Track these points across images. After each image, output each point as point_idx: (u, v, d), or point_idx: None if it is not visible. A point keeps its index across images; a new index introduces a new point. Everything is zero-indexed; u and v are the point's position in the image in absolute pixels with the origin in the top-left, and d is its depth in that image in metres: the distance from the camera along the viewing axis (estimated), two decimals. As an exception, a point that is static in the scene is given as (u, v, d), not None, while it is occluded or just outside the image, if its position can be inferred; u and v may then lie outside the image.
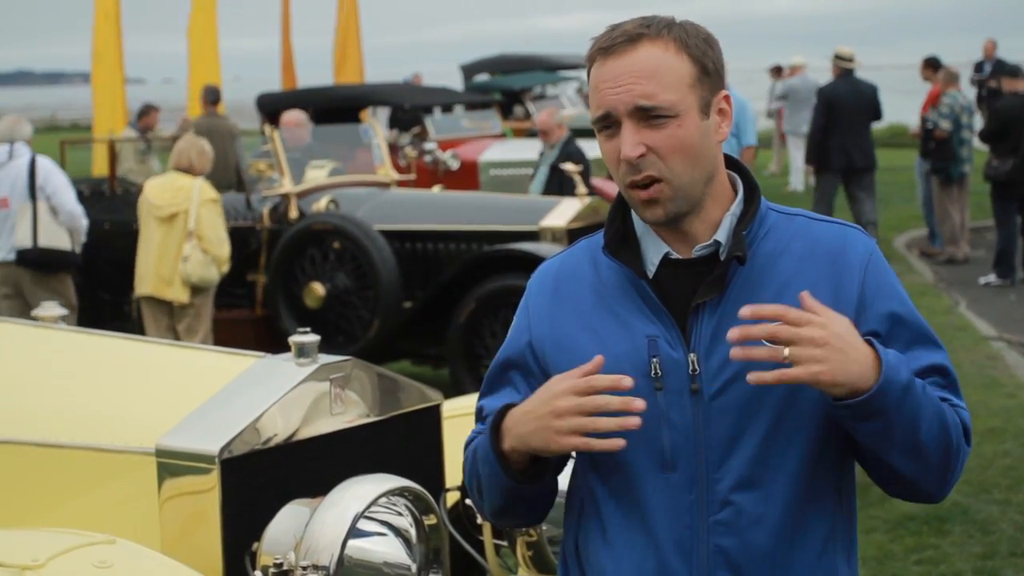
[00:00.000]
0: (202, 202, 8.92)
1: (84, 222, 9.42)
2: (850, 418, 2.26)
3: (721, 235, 2.39)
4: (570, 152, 11.33)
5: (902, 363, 2.27)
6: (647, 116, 2.31)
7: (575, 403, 2.26)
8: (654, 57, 2.32)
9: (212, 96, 15.94)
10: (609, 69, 2.33)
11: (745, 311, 2.21)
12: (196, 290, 9.03)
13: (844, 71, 14.44)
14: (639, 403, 2.25)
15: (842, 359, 2.20)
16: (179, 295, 8.99)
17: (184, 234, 8.89)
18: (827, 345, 2.19)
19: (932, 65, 15.95)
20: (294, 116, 11.07)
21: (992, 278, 13.69)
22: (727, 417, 2.34)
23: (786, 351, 2.18)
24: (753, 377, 2.20)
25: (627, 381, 2.25)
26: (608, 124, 2.34)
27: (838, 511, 2.41)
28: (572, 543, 2.51)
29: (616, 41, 2.34)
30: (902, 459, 2.31)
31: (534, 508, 2.52)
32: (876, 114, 14.43)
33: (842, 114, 14.10)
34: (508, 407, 2.38)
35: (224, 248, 9.03)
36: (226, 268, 9.14)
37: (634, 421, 2.23)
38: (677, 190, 2.33)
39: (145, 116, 16.47)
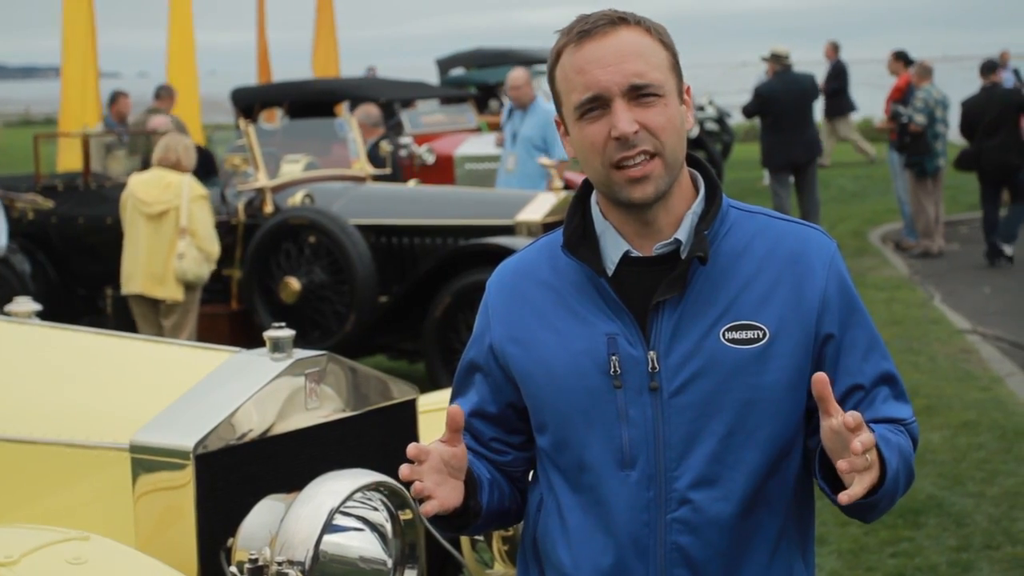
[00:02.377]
0: (193, 198, 8.83)
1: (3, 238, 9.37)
2: (843, 506, 2.26)
3: (682, 233, 2.38)
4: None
5: (893, 452, 2.27)
6: (638, 95, 2.32)
7: (405, 474, 2.31)
8: (637, 39, 2.34)
9: (157, 92, 15.85)
10: (592, 51, 2.33)
11: (850, 420, 2.13)
12: (187, 287, 8.96)
13: (781, 68, 14.57)
14: (411, 450, 2.27)
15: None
16: (173, 293, 8.87)
17: (175, 231, 8.80)
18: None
19: (901, 58, 16.10)
20: None
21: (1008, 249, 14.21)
22: (686, 415, 2.34)
23: (869, 457, 2.17)
24: (846, 498, 2.17)
25: (411, 450, 2.27)
26: (594, 107, 2.33)
27: (791, 509, 2.41)
28: (531, 537, 2.52)
29: (597, 25, 2.35)
30: (871, 517, 2.36)
31: (502, 522, 2.58)
32: (815, 95, 14.82)
33: (780, 111, 14.27)
34: None
35: (216, 245, 8.98)
36: (214, 266, 9.11)
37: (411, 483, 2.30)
38: (667, 167, 2.34)
39: (115, 103, 16.35)
